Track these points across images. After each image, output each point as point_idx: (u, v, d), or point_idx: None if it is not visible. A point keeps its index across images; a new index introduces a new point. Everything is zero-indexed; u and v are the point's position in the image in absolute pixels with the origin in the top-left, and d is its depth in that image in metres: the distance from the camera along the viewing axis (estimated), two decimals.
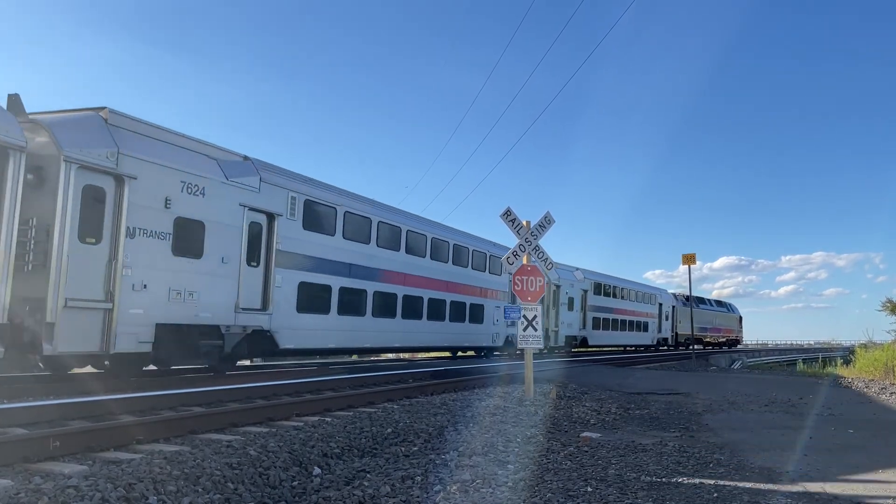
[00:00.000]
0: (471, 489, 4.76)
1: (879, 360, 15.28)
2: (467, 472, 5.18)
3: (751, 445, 6.54)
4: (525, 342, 9.99)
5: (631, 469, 5.35)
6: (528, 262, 10.18)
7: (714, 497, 4.50)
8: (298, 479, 5.04)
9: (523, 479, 5.01)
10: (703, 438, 6.98)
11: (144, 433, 6.27)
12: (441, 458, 5.66)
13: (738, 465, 5.62)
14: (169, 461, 4.95)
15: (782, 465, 5.62)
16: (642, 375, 15.14)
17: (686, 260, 22.25)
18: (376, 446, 6.28)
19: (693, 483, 4.92)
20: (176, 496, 4.25)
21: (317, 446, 5.90)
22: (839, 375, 15.46)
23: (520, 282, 10.04)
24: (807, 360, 26.50)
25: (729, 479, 5.09)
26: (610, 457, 5.84)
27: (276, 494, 4.67)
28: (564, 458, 5.80)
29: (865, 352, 17.33)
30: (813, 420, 8.31)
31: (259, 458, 5.26)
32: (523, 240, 10.21)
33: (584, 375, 14.46)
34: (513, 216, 10.29)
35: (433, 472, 5.20)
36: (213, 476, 4.68)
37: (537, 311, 10.05)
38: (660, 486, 4.80)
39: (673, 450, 6.22)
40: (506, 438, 6.61)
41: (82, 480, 4.30)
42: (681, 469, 5.41)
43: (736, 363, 30.57)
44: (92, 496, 4.00)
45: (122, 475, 4.45)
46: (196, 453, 5.27)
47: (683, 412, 9.13)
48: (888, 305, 22.42)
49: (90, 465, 5.17)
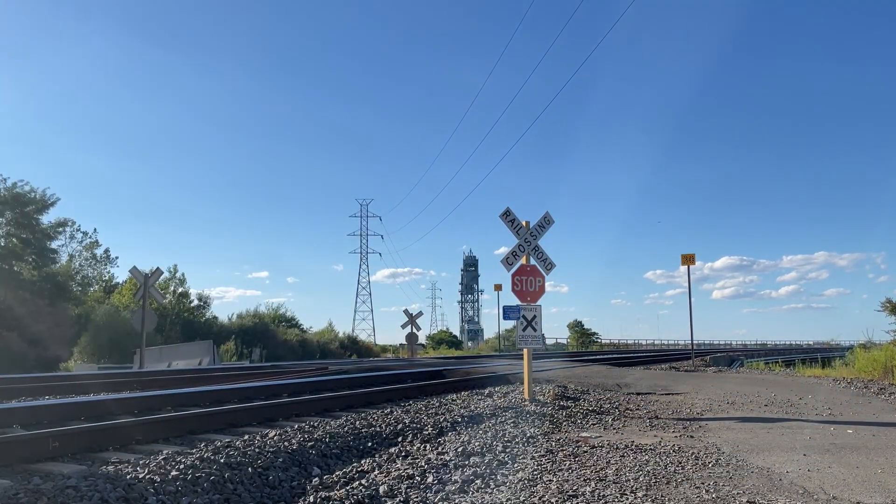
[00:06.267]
0: (470, 489, 4.76)
1: (879, 361, 15.28)
2: (466, 473, 5.18)
3: (750, 445, 6.55)
4: (524, 342, 9.99)
5: (630, 469, 5.35)
6: (528, 262, 10.18)
7: (714, 497, 4.51)
8: (298, 480, 5.05)
9: (522, 480, 5.01)
10: (703, 438, 6.98)
11: (144, 433, 6.28)
12: (440, 459, 5.66)
13: (739, 464, 5.63)
14: (168, 461, 4.95)
15: (782, 465, 5.62)
16: (641, 375, 15.15)
17: (685, 260, 22.24)
18: (375, 446, 6.28)
19: (693, 483, 4.92)
20: (175, 496, 4.25)
21: (316, 446, 5.90)
22: (839, 376, 15.45)
23: (519, 282, 10.05)
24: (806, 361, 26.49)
25: (728, 478, 5.09)
26: (609, 457, 5.84)
27: (275, 495, 4.67)
28: (564, 458, 5.81)
29: (865, 352, 17.32)
30: (813, 420, 8.31)
31: (258, 459, 5.26)
32: (522, 240, 10.21)
33: (583, 375, 14.47)
34: (512, 216, 10.29)
35: (432, 472, 5.20)
36: (213, 476, 4.68)
37: (537, 312, 10.05)
38: (659, 487, 4.80)
39: (673, 450, 6.22)
40: (505, 439, 6.61)
41: (81, 481, 4.30)
42: (681, 469, 5.41)
43: (735, 363, 30.57)
44: (91, 496, 4.00)
45: (122, 475, 4.46)
46: (195, 453, 5.27)
47: (683, 412, 9.14)
48: (888, 305, 22.43)
49: (89, 465, 5.17)
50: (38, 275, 28.59)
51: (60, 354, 27.60)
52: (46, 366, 25.38)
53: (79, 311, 30.87)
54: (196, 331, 34.33)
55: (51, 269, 29.91)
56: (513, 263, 10.18)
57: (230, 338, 33.68)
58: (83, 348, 29.90)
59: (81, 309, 31.45)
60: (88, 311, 31.45)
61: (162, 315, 31.89)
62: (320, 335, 44.41)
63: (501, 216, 10.30)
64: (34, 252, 28.77)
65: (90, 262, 39.26)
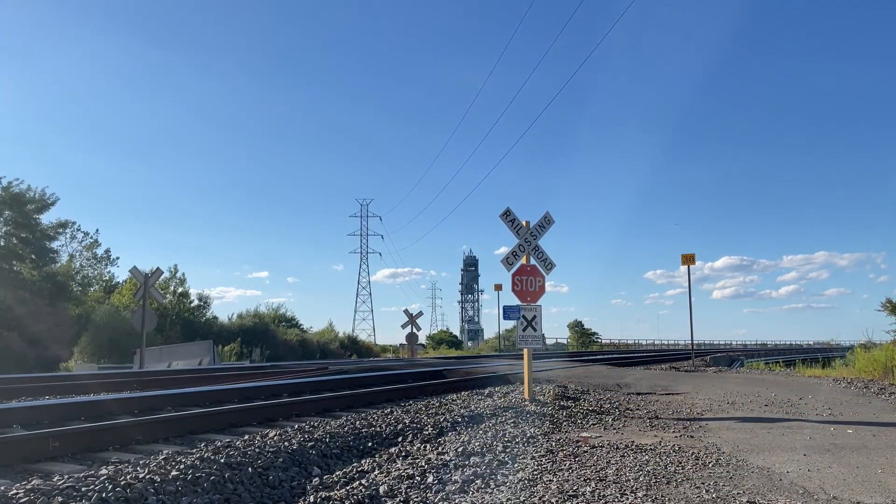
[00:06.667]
0: (470, 489, 4.76)
1: (879, 361, 15.27)
2: (466, 473, 5.18)
3: (750, 445, 6.55)
4: (524, 342, 9.99)
5: (631, 469, 5.35)
6: (528, 262, 10.17)
7: (714, 497, 4.50)
8: (298, 480, 5.04)
9: (522, 480, 5.01)
10: (704, 438, 6.98)
11: (144, 433, 6.28)
12: (440, 459, 5.66)
13: (739, 464, 5.63)
14: (168, 461, 4.95)
15: (783, 465, 5.62)
16: (641, 375, 15.14)
17: (685, 260, 22.22)
18: (375, 446, 6.28)
19: (693, 483, 4.92)
20: (175, 496, 4.25)
21: (316, 446, 5.90)
22: (839, 376, 15.44)
23: (519, 282, 10.04)
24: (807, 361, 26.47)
25: (729, 478, 5.09)
26: (609, 457, 5.84)
27: (275, 495, 4.67)
28: (564, 458, 5.80)
29: (865, 352, 17.30)
30: (813, 420, 8.30)
31: (258, 459, 5.26)
32: (523, 240, 10.21)
33: (583, 375, 14.47)
34: (512, 216, 10.29)
35: (432, 472, 5.20)
36: (213, 476, 4.67)
37: (537, 312, 10.05)
38: (659, 486, 4.80)
39: (673, 450, 6.22)
40: (505, 439, 6.61)
41: (81, 481, 4.30)
42: (681, 469, 5.41)
43: (736, 363, 30.56)
44: (91, 496, 3.99)
45: (122, 475, 4.45)
46: (196, 453, 5.27)
47: (683, 412, 9.13)
48: (888, 305, 22.41)
49: (90, 465, 5.17)
50: (39, 275, 28.59)
51: (60, 354, 27.60)
52: (46, 366, 25.38)
53: (79, 311, 30.87)
54: (196, 331, 34.32)
55: (51, 269, 29.92)
56: (513, 263, 10.18)
57: (230, 338, 33.67)
58: (83, 348, 29.89)
59: (81, 309, 31.45)
60: (88, 311, 31.44)
61: (162, 315, 31.89)
62: (320, 335, 44.41)
63: (501, 216, 10.30)
64: (34, 252, 28.77)
65: (90, 262, 39.27)
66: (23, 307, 26.01)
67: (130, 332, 26.98)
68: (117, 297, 35.61)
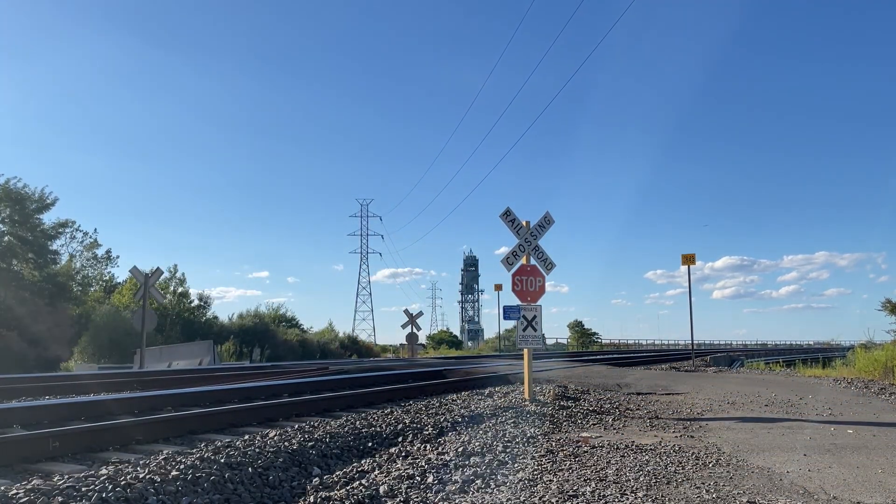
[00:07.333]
0: (470, 489, 4.76)
1: (879, 361, 15.27)
2: (467, 473, 5.18)
3: (751, 445, 6.54)
4: (525, 342, 9.99)
5: (631, 469, 5.34)
6: (528, 262, 10.17)
7: (714, 497, 4.50)
8: (298, 480, 5.04)
9: (523, 480, 5.01)
10: (704, 438, 6.98)
11: (144, 433, 6.28)
12: (440, 459, 5.66)
13: (739, 464, 5.63)
14: (169, 461, 4.95)
15: (783, 465, 5.62)
16: (641, 375, 15.14)
17: (685, 260, 22.22)
18: (375, 446, 6.28)
19: (693, 483, 4.92)
20: (175, 496, 4.25)
21: (316, 446, 5.89)
22: (839, 376, 15.44)
23: (519, 282, 10.04)
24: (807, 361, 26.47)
25: (729, 478, 5.09)
26: (610, 457, 5.84)
27: (275, 495, 4.67)
28: (564, 458, 5.80)
29: (865, 352, 17.29)
30: (813, 420, 8.30)
31: (258, 459, 5.26)
32: (523, 240, 10.20)
33: (583, 375, 14.46)
34: (512, 216, 10.29)
35: (432, 472, 5.20)
36: (213, 476, 4.67)
37: (537, 312, 10.05)
38: (660, 487, 4.80)
39: (673, 450, 6.22)
40: (505, 439, 6.61)
41: (81, 481, 4.30)
42: (681, 469, 5.41)
43: (736, 363, 30.55)
44: (91, 496, 3.99)
45: (122, 475, 4.45)
46: (196, 453, 5.27)
47: (683, 412, 9.13)
48: (888, 305, 22.45)
49: (90, 465, 5.17)
50: (39, 275, 28.58)
51: (60, 354, 27.60)
52: (46, 366, 25.38)
53: (79, 311, 30.87)
54: (196, 331, 34.32)
55: (51, 269, 29.90)
56: (513, 263, 10.18)
57: (230, 338, 33.66)
58: (83, 348, 29.90)
59: (82, 309, 31.44)
60: (89, 311, 31.45)
61: (162, 315, 31.89)
62: (320, 335, 44.41)
63: (502, 216, 10.30)
64: (34, 252, 28.76)
65: (91, 263, 39.25)
66: (23, 307, 26.00)
67: (130, 332, 26.98)
68: (117, 297, 35.61)
